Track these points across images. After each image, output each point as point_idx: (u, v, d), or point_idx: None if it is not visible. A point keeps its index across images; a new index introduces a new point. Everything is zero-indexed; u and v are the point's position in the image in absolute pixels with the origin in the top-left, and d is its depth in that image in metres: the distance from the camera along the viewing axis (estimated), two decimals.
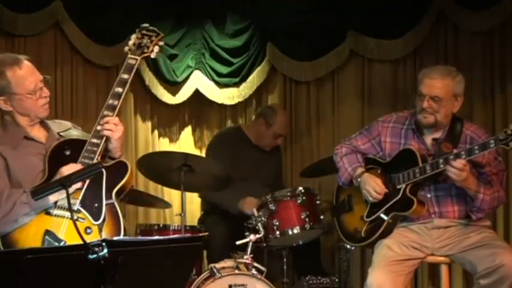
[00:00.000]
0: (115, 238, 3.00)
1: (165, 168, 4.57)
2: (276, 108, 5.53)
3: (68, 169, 3.11)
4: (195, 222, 5.22)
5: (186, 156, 4.59)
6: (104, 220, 3.14)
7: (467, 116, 4.09)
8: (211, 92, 6.10)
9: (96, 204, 3.15)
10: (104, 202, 3.15)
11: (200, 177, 4.62)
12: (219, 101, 6.10)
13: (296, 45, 5.98)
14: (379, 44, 5.75)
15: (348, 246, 4.84)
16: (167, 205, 5.30)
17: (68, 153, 3.24)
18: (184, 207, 4.61)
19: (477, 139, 3.79)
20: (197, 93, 6.10)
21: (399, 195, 3.82)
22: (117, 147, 3.29)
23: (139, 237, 4.14)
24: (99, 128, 3.23)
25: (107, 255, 2.35)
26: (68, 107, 5.47)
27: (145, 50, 3.37)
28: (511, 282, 3.56)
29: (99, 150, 3.20)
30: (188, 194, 4.99)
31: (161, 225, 4.93)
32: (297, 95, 6.10)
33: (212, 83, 6.09)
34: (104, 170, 3.08)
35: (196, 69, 6.08)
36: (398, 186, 3.84)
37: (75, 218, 3.05)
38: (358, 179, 3.97)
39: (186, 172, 4.49)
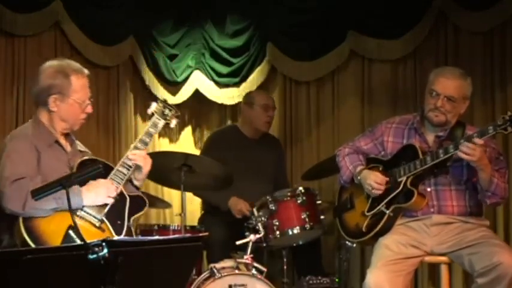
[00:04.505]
0: (115, 238, 3.04)
1: (165, 168, 4.56)
2: (250, 91, 5.65)
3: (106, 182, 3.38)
4: (195, 222, 5.22)
5: (186, 156, 4.59)
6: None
7: (467, 116, 4.08)
8: (211, 92, 6.11)
9: (119, 222, 3.40)
10: (126, 222, 3.42)
11: (200, 177, 4.61)
12: (219, 101, 6.11)
13: (296, 45, 5.98)
14: (379, 44, 5.76)
15: (349, 243, 4.84)
16: (167, 205, 5.30)
17: None
18: (184, 207, 4.61)
19: None
20: (197, 93, 6.11)
21: (400, 188, 3.84)
22: (144, 179, 3.62)
23: (140, 237, 4.14)
24: (128, 161, 3.49)
25: (107, 255, 2.36)
26: None
27: (168, 118, 3.68)
28: (509, 281, 3.56)
29: (126, 178, 3.47)
30: (188, 194, 4.99)
31: (161, 225, 4.93)
32: (297, 95, 6.10)
33: (212, 83, 6.10)
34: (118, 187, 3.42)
35: (196, 69, 6.08)
36: (399, 179, 3.86)
37: (97, 225, 3.34)
38: (359, 177, 3.99)
39: (186, 172, 4.49)
